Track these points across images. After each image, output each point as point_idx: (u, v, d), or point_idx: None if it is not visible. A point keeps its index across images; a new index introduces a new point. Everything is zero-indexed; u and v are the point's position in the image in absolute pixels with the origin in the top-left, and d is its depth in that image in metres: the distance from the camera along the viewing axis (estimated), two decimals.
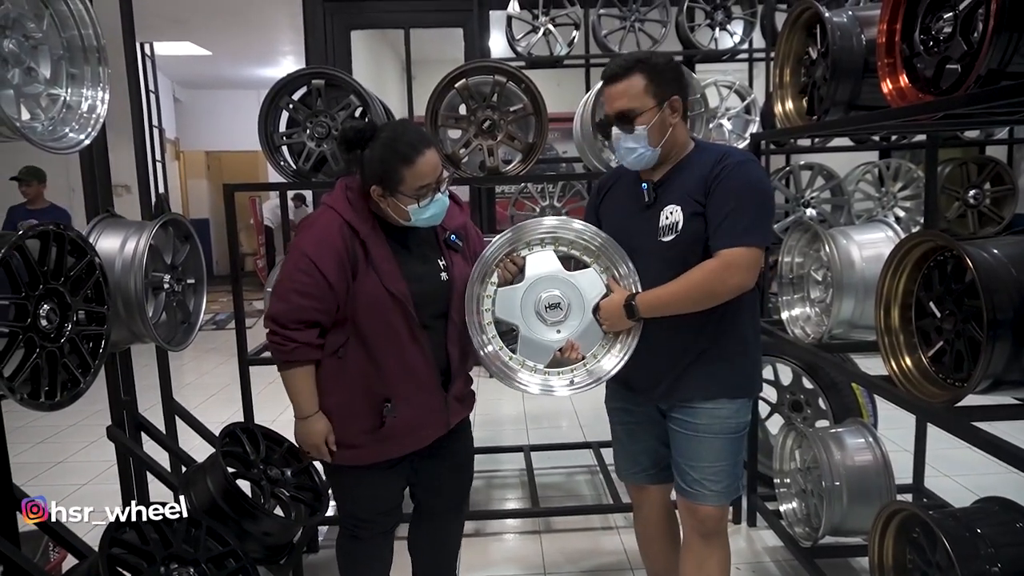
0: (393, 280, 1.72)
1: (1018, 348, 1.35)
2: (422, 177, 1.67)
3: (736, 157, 1.69)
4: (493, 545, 2.72)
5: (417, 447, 1.86)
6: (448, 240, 1.86)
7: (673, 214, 1.70)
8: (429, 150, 1.69)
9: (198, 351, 6.31)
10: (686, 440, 1.78)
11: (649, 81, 1.68)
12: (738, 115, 4.14)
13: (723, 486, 1.77)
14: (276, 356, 1.76)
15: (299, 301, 1.69)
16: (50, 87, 1.67)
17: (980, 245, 1.47)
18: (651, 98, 1.68)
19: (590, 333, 1.81)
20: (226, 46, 8.14)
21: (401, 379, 1.76)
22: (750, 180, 1.65)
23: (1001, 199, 4.98)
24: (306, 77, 2.53)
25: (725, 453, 1.76)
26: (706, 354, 1.73)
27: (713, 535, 1.81)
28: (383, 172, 1.68)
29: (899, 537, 1.85)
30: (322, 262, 1.67)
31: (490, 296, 1.81)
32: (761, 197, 1.66)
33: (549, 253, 1.81)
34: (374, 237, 1.74)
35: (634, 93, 1.68)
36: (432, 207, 1.72)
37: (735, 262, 1.62)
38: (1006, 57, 1.32)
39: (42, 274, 1.57)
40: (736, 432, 1.78)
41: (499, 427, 4.01)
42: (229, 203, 2.53)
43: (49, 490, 3.30)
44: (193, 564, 1.71)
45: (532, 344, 1.81)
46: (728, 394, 1.75)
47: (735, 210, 1.62)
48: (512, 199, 4.82)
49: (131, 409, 2.27)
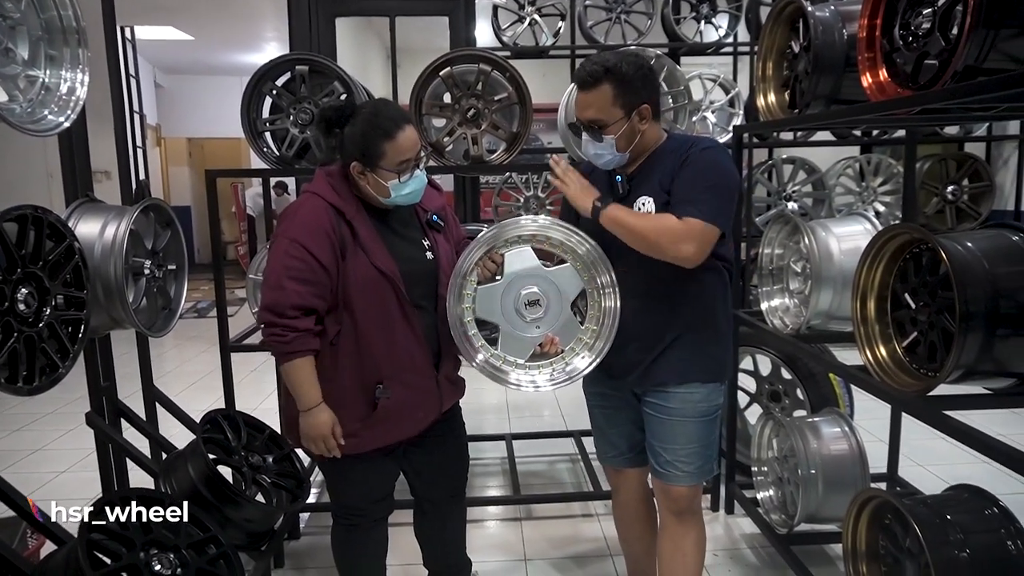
0: (382, 259, 1.73)
1: (989, 339, 1.39)
2: (403, 152, 1.69)
3: (703, 144, 1.74)
4: (475, 532, 2.73)
5: (412, 432, 1.86)
6: (430, 220, 1.88)
7: (645, 205, 1.74)
8: (409, 126, 1.71)
9: (179, 339, 6.26)
10: (659, 423, 1.83)
11: (618, 92, 1.69)
12: (722, 108, 4.16)
13: (695, 467, 1.83)
14: (276, 349, 1.70)
15: (294, 287, 1.66)
16: (28, 68, 1.65)
17: (955, 238, 1.50)
18: (619, 109, 1.70)
19: (569, 327, 1.85)
20: (209, 31, 8.03)
21: (394, 360, 1.76)
22: (715, 166, 1.69)
23: (979, 195, 5.06)
24: (290, 63, 2.51)
25: (697, 435, 1.82)
26: (679, 340, 1.78)
27: (687, 514, 1.87)
28: (364, 147, 1.69)
29: (872, 524, 1.89)
30: (313, 246, 1.66)
31: (470, 308, 1.81)
32: (724, 184, 1.69)
33: (527, 249, 1.82)
34: (360, 218, 1.74)
35: (602, 104, 1.70)
36: (412, 183, 1.73)
37: (693, 231, 1.64)
38: (983, 53, 1.34)
39: (20, 258, 1.55)
40: (708, 415, 1.82)
41: (482, 416, 4.03)
42: (211, 189, 2.51)
43: (27, 477, 3.30)
44: (173, 550, 1.71)
45: (513, 340, 1.84)
46: (700, 378, 1.80)
47: (698, 192, 1.66)
48: (496, 189, 4.82)
49: (111, 395, 2.25)
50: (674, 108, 2.98)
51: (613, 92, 1.69)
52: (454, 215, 2.02)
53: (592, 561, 2.57)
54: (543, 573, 2.50)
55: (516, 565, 2.55)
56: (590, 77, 1.70)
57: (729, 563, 2.53)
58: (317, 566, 2.55)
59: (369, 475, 1.89)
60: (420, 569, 2.21)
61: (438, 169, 2.65)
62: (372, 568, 2.03)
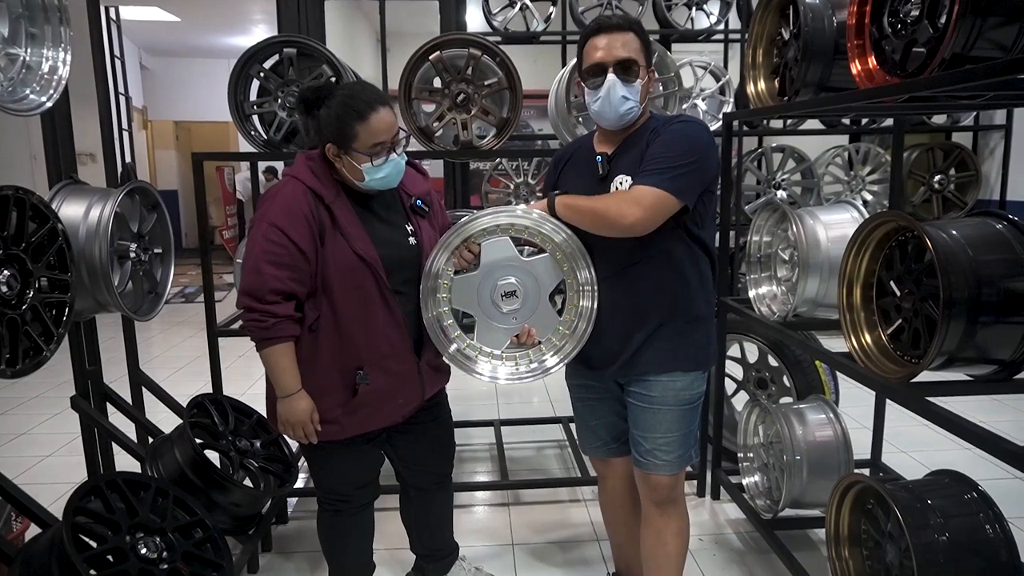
0: (362, 244, 1.71)
1: (972, 326, 1.40)
2: (376, 134, 1.66)
3: (682, 118, 1.74)
4: (462, 517, 2.75)
5: (394, 419, 1.85)
6: (414, 205, 1.86)
7: (623, 183, 1.71)
8: (384, 108, 1.68)
9: (167, 324, 6.22)
10: (641, 412, 1.82)
11: (641, 44, 1.72)
12: (713, 96, 4.16)
13: (675, 456, 1.81)
14: (255, 334, 1.69)
15: (272, 271, 1.65)
16: (8, 47, 1.62)
17: (939, 226, 1.51)
18: (645, 59, 1.72)
19: (547, 318, 1.83)
20: (195, 13, 7.92)
21: (374, 346, 1.75)
22: (685, 135, 1.67)
23: (965, 185, 5.10)
24: (278, 45, 2.48)
25: (678, 424, 1.80)
26: (661, 330, 1.76)
27: (668, 503, 1.85)
28: (338, 128, 1.67)
29: (855, 508, 1.91)
30: (291, 230, 1.65)
31: (446, 297, 1.80)
32: (691, 152, 1.65)
33: (505, 240, 1.79)
34: (340, 203, 1.73)
35: (636, 48, 1.71)
36: (386, 167, 1.70)
37: (638, 198, 1.62)
38: (970, 42, 1.35)
39: (2, 239, 1.53)
40: (690, 403, 1.81)
41: (470, 402, 4.04)
42: (198, 173, 2.49)
43: (13, 462, 3.28)
44: (159, 533, 1.71)
45: (489, 331, 1.83)
46: (682, 367, 1.78)
47: (664, 157, 1.64)
48: (486, 175, 4.80)
49: (96, 379, 2.24)
50: (664, 95, 2.97)
51: (639, 42, 1.71)
52: (440, 201, 2.00)
53: (579, 546, 2.59)
54: (530, 558, 2.52)
55: (503, 550, 2.57)
56: (622, 20, 1.72)
57: (714, 547, 2.56)
58: (305, 550, 2.55)
59: (351, 462, 1.89)
60: (407, 553, 2.22)
61: (427, 154, 2.64)
62: (358, 553, 2.04)
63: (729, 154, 2.72)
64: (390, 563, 2.38)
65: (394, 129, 1.70)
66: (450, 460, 2.10)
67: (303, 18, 4.47)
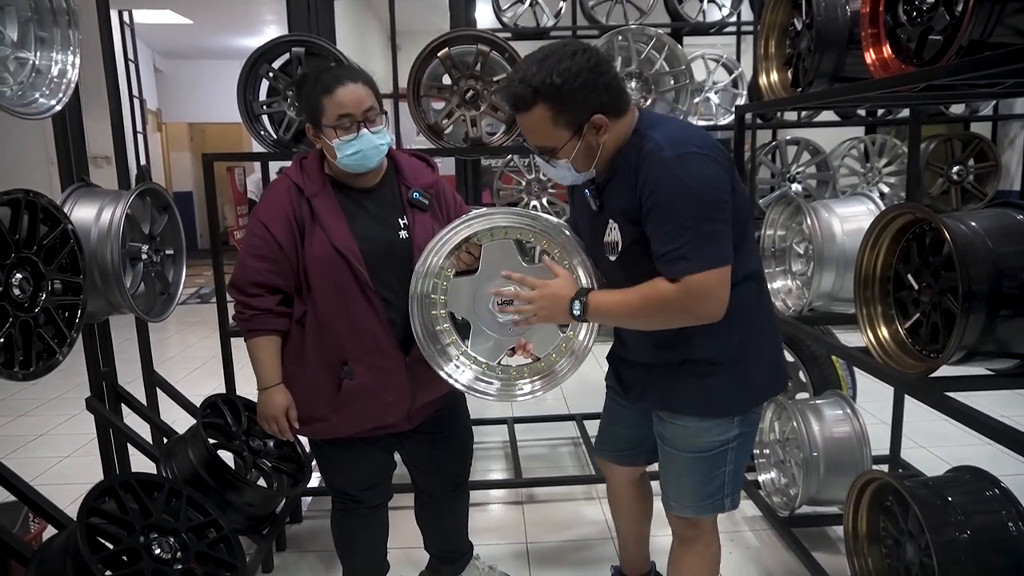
0: (340, 237, 1.69)
1: (992, 320, 1.37)
2: (341, 106, 1.64)
3: (664, 154, 1.38)
4: (476, 515, 2.73)
5: (387, 420, 1.80)
6: (412, 198, 1.80)
7: (613, 232, 1.51)
8: (355, 83, 1.66)
9: (182, 324, 6.27)
10: (659, 446, 1.69)
11: (556, 111, 1.41)
12: (725, 89, 4.12)
13: (689, 502, 1.64)
14: (239, 325, 1.76)
15: (253, 264, 1.70)
16: (18, 50, 1.63)
17: (958, 218, 1.48)
18: (564, 129, 1.43)
19: (545, 333, 1.72)
20: (207, 14, 7.96)
21: (357, 341, 1.73)
22: (687, 188, 1.37)
23: (984, 175, 5.01)
24: (286, 45, 2.48)
25: (690, 471, 1.61)
26: (681, 366, 1.56)
27: (686, 540, 1.72)
28: (308, 106, 1.69)
29: (873, 506, 1.88)
30: (272, 224, 1.69)
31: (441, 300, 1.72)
32: (703, 207, 1.37)
33: (509, 243, 1.69)
34: (323, 196, 1.73)
35: (544, 129, 1.44)
36: (356, 143, 1.65)
37: (698, 290, 1.37)
38: (988, 28, 1.31)
39: (14, 242, 1.54)
40: (706, 451, 1.58)
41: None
42: (209, 174, 2.50)
43: (31, 463, 3.32)
44: (173, 534, 1.72)
45: (483, 340, 1.74)
46: (696, 412, 1.57)
47: (676, 231, 1.37)
48: (498, 172, 4.78)
49: (111, 381, 2.25)
50: (676, 88, 2.95)
51: (551, 113, 1.41)
52: (455, 193, 1.94)
53: (594, 544, 2.58)
54: (545, 556, 2.51)
55: (518, 548, 2.56)
56: (519, 100, 1.42)
57: (730, 545, 2.53)
58: (319, 549, 2.56)
59: (353, 463, 1.88)
60: (421, 552, 2.22)
61: (437, 152, 2.63)
62: (371, 553, 2.04)
63: (742, 147, 2.69)
64: (404, 562, 2.38)
65: (364, 104, 1.66)
66: (466, 468, 2.07)
67: (313, 17, 4.47)
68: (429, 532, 2.13)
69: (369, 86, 1.70)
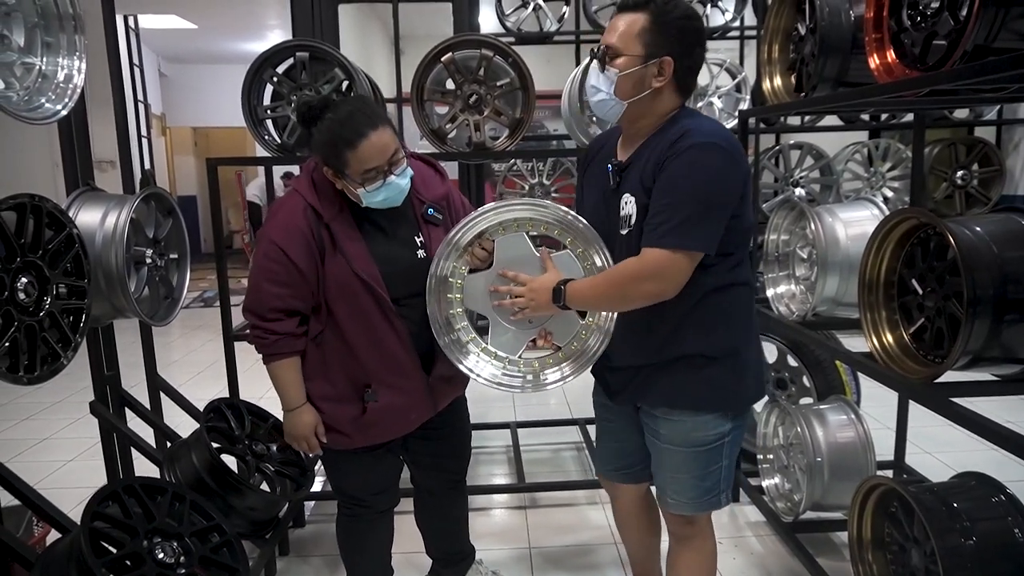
0: (361, 263, 1.67)
1: (997, 325, 1.36)
2: (366, 161, 1.59)
3: (693, 138, 1.44)
4: (479, 520, 2.73)
5: (406, 430, 1.84)
6: (426, 214, 1.78)
7: (627, 205, 1.54)
8: (376, 132, 1.59)
9: (186, 328, 6.28)
10: (652, 445, 1.69)
11: (649, 26, 1.46)
12: (728, 94, 4.11)
13: (687, 498, 1.65)
14: (259, 350, 1.72)
15: (272, 289, 1.65)
16: (24, 56, 1.64)
17: (962, 223, 1.47)
18: (641, 45, 1.47)
19: (567, 322, 1.69)
20: (212, 19, 7.99)
21: (378, 364, 1.72)
22: (698, 169, 1.43)
23: (988, 180, 4.99)
24: (290, 49, 2.49)
25: (687, 466, 1.62)
26: (674, 364, 1.58)
27: (684, 538, 1.74)
28: (328, 155, 1.62)
29: (877, 511, 1.88)
30: (290, 248, 1.63)
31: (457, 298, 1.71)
32: (705, 191, 1.42)
33: (521, 236, 1.67)
34: (340, 220, 1.68)
35: (626, 32, 1.48)
36: (383, 191, 1.63)
37: (652, 266, 1.44)
38: (992, 33, 1.32)
39: (19, 247, 1.55)
40: (702, 445, 1.60)
41: (487, 404, 4.03)
42: (213, 178, 2.50)
43: (34, 467, 3.32)
44: (177, 538, 1.72)
45: (503, 334, 1.71)
46: (692, 407, 1.59)
47: (670, 205, 1.43)
48: (501, 176, 4.78)
49: (115, 384, 2.26)
50: None
51: (644, 24, 1.47)
52: (462, 197, 1.93)
53: (597, 549, 2.57)
54: (547, 561, 2.50)
55: (520, 553, 2.55)
56: (633, 1, 1.49)
57: (734, 551, 2.52)
58: (322, 554, 2.56)
59: (366, 467, 1.88)
60: (423, 557, 2.21)
61: (440, 156, 2.63)
62: (376, 558, 2.03)
63: (746, 152, 2.68)
64: (406, 567, 2.38)
65: (388, 151, 1.61)
66: (464, 463, 2.08)
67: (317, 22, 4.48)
68: (430, 533, 2.13)
69: (389, 127, 1.64)
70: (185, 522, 1.77)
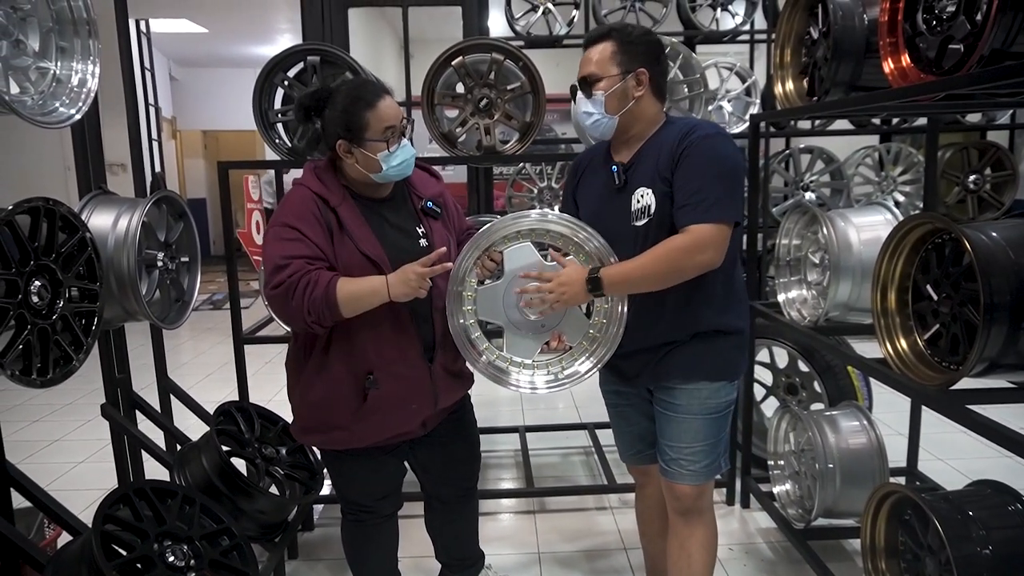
0: (368, 244, 1.70)
1: (1014, 331, 1.35)
2: (386, 119, 1.68)
3: (703, 131, 1.66)
4: (487, 525, 2.73)
5: (408, 427, 1.82)
6: (425, 207, 1.84)
7: (644, 197, 1.68)
8: (388, 96, 1.71)
9: (195, 331, 6.30)
10: (667, 420, 1.79)
11: (618, 49, 1.69)
12: (738, 97, 4.10)
13: (701, 466, 1.77)
14: (309, 299, 1.58)
15: (297, 252, 1.62)
16: (39, 60, 1.64)
17: (978, 228, 1.46)
18: (615, 66, 1.69)
19: (576, 323, 1.79)
20: (223, 23, 8.04)
21: (382, 350, 1.73)
22: (717, 154, 1.62)
23: (1001, 184, 4.95)
24: (301, 54, 2.50)
25: (704, 433, 1.76)
26: (688, 341, 1.73)
27: (692, 513, 1.81)
28: (347, 122, 1.68)
29: (891, 519, 1.86)
30: (304, 227, 1.66)
31: (472, 310, 1.76)
32: (729, 172, 1.62)
33: (527, 245, 1.75)
34: (346, 206, 1.73)
35: (600, 59, 1.70)
36: (400, 153, 1.70)
37: (703, 238, 1.58)
38: (1010, 37, 1.30)
39: (33, 250, 1.55)
40: (717, 412, 1.77)
41: (495, 408, 4.02)
42: (223, 181, 2.51)
43: (46, 469, 3.34)
44: (187, 541, 1.72)
45: (518, 340, 1.79)
46: (708, 376, 1.74)
47: (702, 186, 1.60)
48: (510, 180, 4.78)
49: (125, 387, 2.27)
50: (690, 97, 2.94)
51: (613, 49, 1.69)
52: (456, 204, 1.97)
53: (606, 555, 2.56)
54: (557, 566, 2.49)
55: (530, 558, 2.54)
56: (595, 34, 1.73)
57: (744, 557, 2.51)
58: (331, 557, 2.55)
59: (370, 472, 1.88)
60: (432, 562, 2.21)
61: (450, 160, 2.63)
62: (382, 562, 2.03)
63: (756, 156, 2.67)
64: (414, 571, 2.37)
65: (400, 115, 1.72)
66: (475, 473, 2.07)
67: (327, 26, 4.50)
68: (441, 539, 2.12)
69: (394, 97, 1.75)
70: (195, 525, 1.78)
